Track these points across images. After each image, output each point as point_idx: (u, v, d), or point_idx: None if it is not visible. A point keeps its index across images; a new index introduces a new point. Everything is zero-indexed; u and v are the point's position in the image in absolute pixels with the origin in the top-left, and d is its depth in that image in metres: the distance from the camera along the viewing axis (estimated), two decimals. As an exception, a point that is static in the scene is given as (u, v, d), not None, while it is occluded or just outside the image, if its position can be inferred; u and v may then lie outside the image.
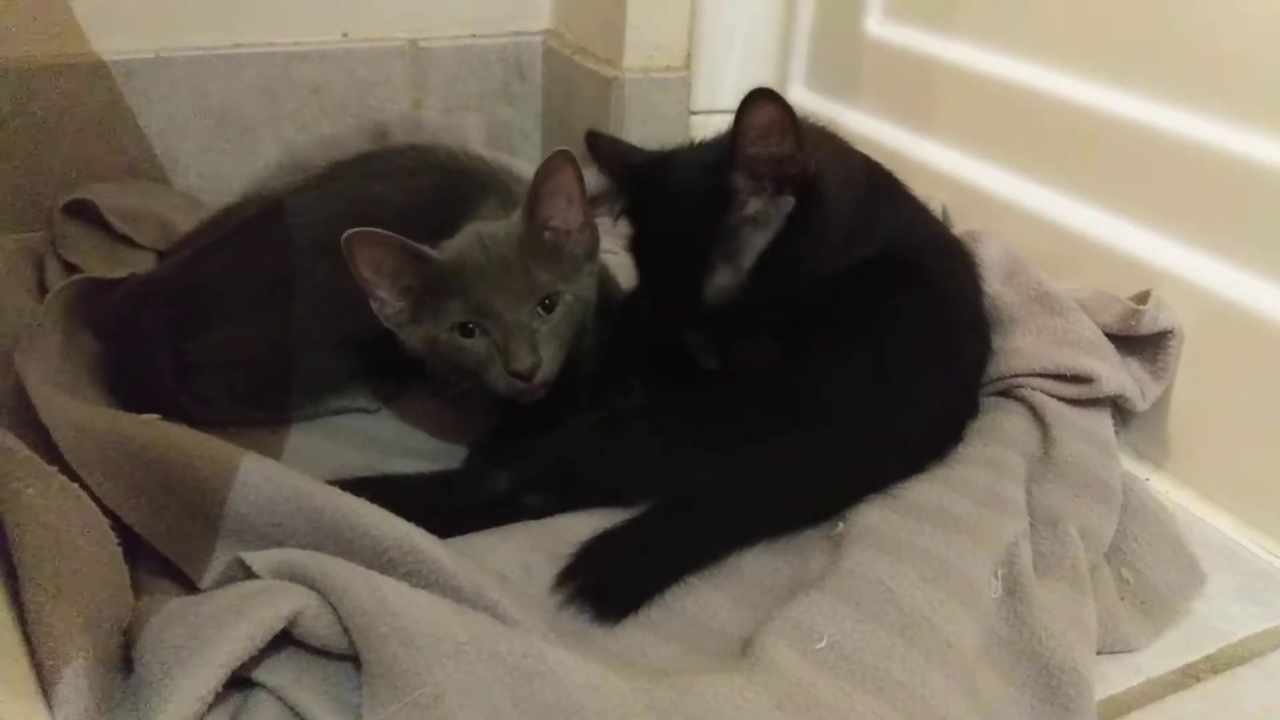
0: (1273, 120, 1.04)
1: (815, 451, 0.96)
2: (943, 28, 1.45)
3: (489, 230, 1.03)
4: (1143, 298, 1.14)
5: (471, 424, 1.12)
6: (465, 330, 0.99)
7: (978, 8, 1.39)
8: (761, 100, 0.91)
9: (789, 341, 1.00)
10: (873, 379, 0.99)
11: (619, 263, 1.22)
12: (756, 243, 0.97)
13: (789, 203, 0.97)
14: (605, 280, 1.16)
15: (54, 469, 0.76)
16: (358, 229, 0.96)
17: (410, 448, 1.12)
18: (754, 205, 0.97)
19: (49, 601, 0.70)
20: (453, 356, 1.01)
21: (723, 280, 0.98)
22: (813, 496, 0.96)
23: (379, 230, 0.97)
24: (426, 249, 1.00)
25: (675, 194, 1.01)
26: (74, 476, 0.81)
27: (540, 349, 0.98)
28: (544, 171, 1.00)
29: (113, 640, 0.73)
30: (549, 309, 1.01)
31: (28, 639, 0.70)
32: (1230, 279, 1.09)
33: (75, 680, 0.67)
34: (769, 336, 1.00)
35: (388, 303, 1.03)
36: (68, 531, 0.74)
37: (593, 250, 1.07)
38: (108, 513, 0.81)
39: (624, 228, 1.09)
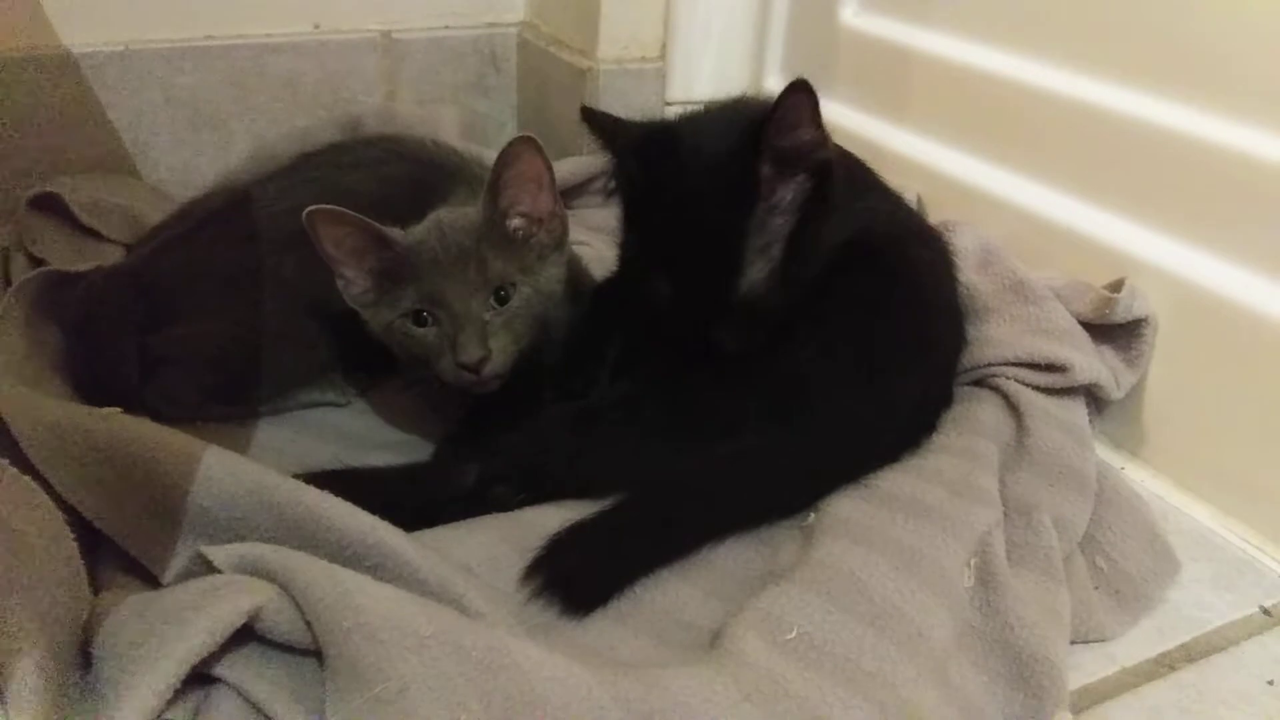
0: (1246, 108, 1.04)
1: (788, 442, 0.95)
2: (918, 18, 1.45)
3: (450, 218, 1.02)
4: (1117, 286, 1.14)
5: (443, 417, 1.11)
6: (418, 318, 0.99)
7: (952, -2, 1.39)
8: (799, 93, 0.91)
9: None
10: (846, 369, 0.99)
11: (590, 254, 1.22)
12: (783, 231, 0.96)
13: (806, 186, 0.96)
14: (576, 270, 1.15)
15: (4, 461, 0.75)
16: (320, 205, 0.96)
17: (381, 441, 1.12)
18: (780, 193, 0.96)
19: (1, 597, 0.68)
20: (405, 344, 1.01)
21: (759, 274, 0.96)
22: (786, 488, 0.95)
23: (341, 209, 0.96)
24: (388, 230, 0.99)
25: (696, 187, 0.97)
26: (32, 471, 0.80)
27: (491, 341, 0.98)
28: (506, 158, 0.99)
29: (70, 637, 0.72)
30: (503, 300, 1.00)
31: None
32: (1204, 267, 1.08)
33: (29, 677, 0.66)
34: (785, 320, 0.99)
35: (353, 282, 1.03)
36: (21, 526, 0.72)
37: (561, 240, 1.06)
38: (68, 508, 0.80)
39: (613, 210, 1.07)
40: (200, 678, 0.72)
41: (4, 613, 0.67)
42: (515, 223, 1.02)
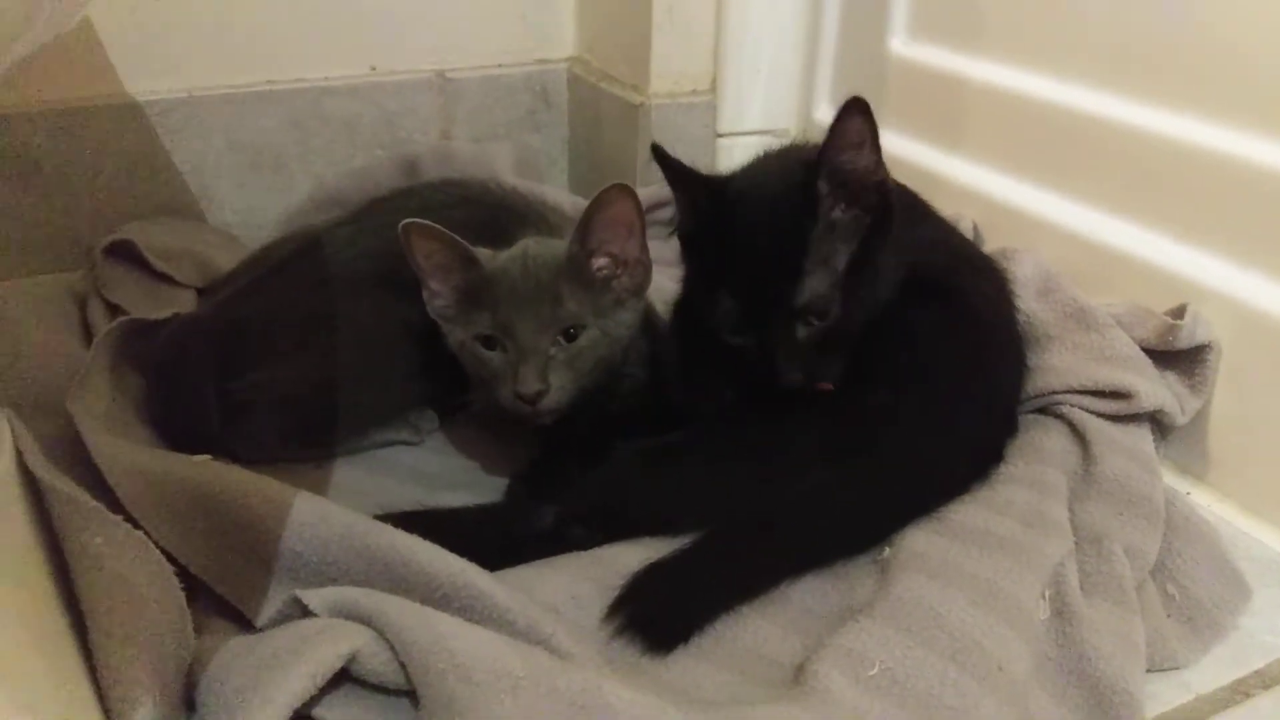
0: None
1: (860, 478, 0.96)
2: (967, 46, 1.46)
3: (536, 250, 1.05)
4: (1179, 312, 1.14)
5: (515, 455, 1.13)
6: (488, 342, 1.03)
7: (1002, 25, 1.40)
8: (855, 110, 0.94)
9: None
10: (910, 402, 1.00)
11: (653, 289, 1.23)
12: (842, 251, 0.98)
13: (865, 218, 0.98)
14: (647, 308, 1.17)
15: (119, 518, 0.77)
16: (414, 219, 1.01)
17: (455, 479, 1.13)
18: (836, 213, 0.98)
19: (117, 648, 0.70)
20: (472, 364, 1.05)
21: (818, 284, 0.97)
22: (860, 524, 0.96)
23: (435, 225, 1.01)
24: (476, 251, 1.03)
25: (759, 203, 1.01)
26: (128, 518, 0.82)
27: (550, 376, 1.01)
28: (602, 201, 1.02)
29: (177, 683, 0.74)
30: (571, 338, 1.03)
31: (96, 684, 0.71)
32: (1266, 291, 1.09)
33: (144, 724, 0.69)
34: (850, 353, 1.01)
35: (437, 295, 1.07)
36: (134, 579, 0.74)
37: (642, 286, 1.09)
38: (163, 552, 0.81)
39: (672, 243, 1.09)
40: (300, 718, 0.73)
41: (123, 664, 0.69)
42: (601, 262, 1.06)
